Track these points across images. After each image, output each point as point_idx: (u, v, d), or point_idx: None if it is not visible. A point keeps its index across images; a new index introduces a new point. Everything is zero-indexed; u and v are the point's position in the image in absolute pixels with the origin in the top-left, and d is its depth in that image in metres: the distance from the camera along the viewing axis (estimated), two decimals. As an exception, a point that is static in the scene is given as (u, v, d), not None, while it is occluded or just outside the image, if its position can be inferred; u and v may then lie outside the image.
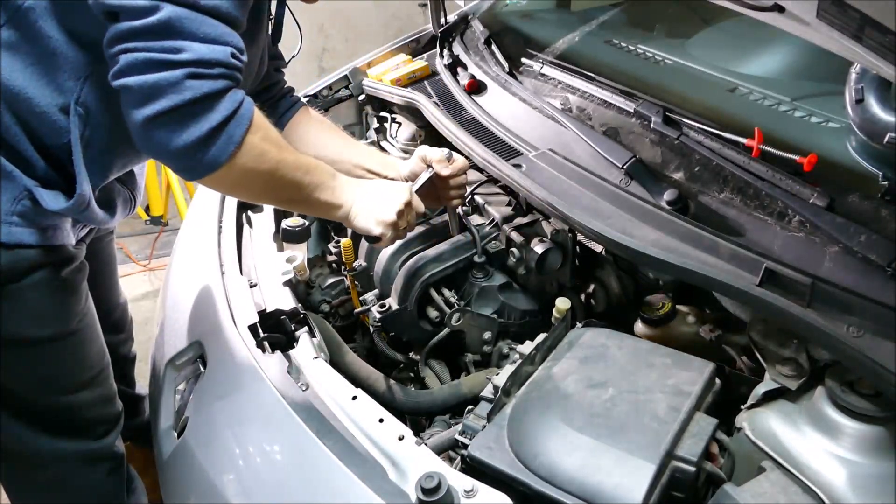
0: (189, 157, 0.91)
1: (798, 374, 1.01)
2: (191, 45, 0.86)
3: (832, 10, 0.82)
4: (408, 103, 1.68)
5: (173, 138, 0.89)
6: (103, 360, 1.34)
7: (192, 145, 0.89)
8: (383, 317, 1.30)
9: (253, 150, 0.96)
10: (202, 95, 0.88)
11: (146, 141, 0.91)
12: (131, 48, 0.86)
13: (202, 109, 0.89)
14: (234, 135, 0.92)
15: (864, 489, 0.89)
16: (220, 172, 0.94)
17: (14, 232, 1.06)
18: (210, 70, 0.88)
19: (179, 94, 0.86)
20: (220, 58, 0.89)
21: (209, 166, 0.92)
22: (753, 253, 1.03)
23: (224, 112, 0.90)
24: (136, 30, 0.85)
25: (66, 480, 1.35)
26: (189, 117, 0.88)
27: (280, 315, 1.26)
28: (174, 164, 0.94)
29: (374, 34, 4.02)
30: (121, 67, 0.87)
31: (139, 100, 0.87)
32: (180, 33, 0.86)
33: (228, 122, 0.91)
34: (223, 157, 0.92)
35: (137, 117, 0.88)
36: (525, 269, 1.37)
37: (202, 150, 0.91)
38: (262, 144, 0.97)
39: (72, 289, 1.21)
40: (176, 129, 0.88)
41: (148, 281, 3.16)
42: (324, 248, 1.70)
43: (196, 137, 0.89)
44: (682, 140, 1.26)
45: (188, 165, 0.93)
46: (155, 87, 0.86)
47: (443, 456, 1.04)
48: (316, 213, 1.21)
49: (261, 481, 1.02)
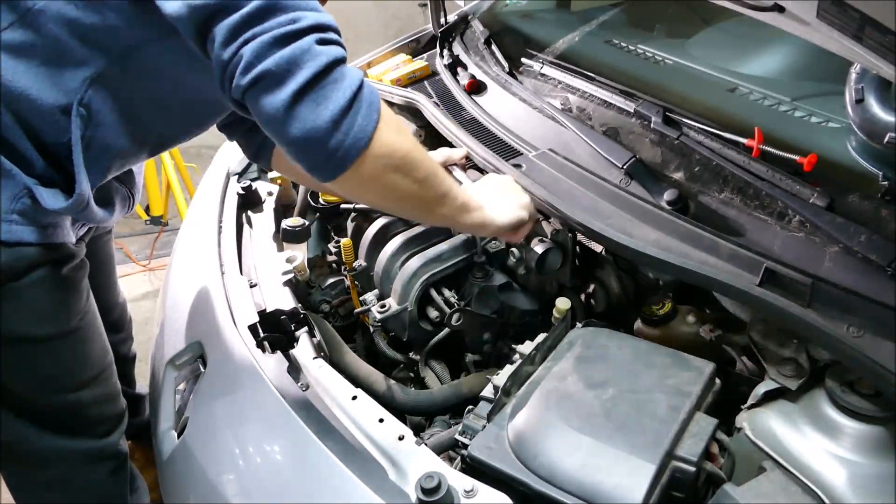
0: (338, 133, 0.84)
1: (798, 374, 1.01)
2: (304, 14, 0.83)
3: (832, 10, 0.82)
4: (408, 103, 1.68)
5: (321, 111, 0.83)
6: (106, 358, 1.34)
7: (339, 116, 0.83)
8: (383, 317, 1.30)
9: (391, 121, 0.89)
10: (334, 60, 0.84)
11: (291, 125, 0.83)
12: (251, 36, 0.82)
13: (337, 76, 0.84)
14: (373, 101, 0.87)
15: (864, 489, 0.89)
16: (368, 152, 0.86)
17: (14, 230, 1.06)
18: (329, 35, 0.85)
19: (316, 59, 0.82)
20: (332, 22, 0.86)
21: (358, 140, 0.85)
22: (753, 253, 1.03)
23: (357, 76, 0.86)
24: (249, 16, 0.82)
25: (68, 479, 1.35)
26: (329, 86, 0.83)
27: (280, 315, 1.26)
28: (321, 150, 0.85)
29: (374, 34, 4.02)
30: (249, 59, 0.81)
31: (278, 81, 0.81)
32: (288, 6, 0.83)
33: (363, 88, 0.86)
34: (370, 125, 0.86)
35: (280, 100, 0.82)
36: (525, 269, 1.37)
37: (349, 121, 0.84)
38: (396, 116, 0.91)
39: (73, 287, 1.21)
40: (321, 101, 0.83)
41: (148, 281, 3.16)
42: (324, 248, 1.70)
43: (342, 106, 0.83)
44: (682, 140, 1.26)
45: (337, 146, 0.84)
46: (292, 59, 0.81)
47: (443, 456, 1.04)
48: (448, 217, 1.05)
49: (261, 481, 1.02)
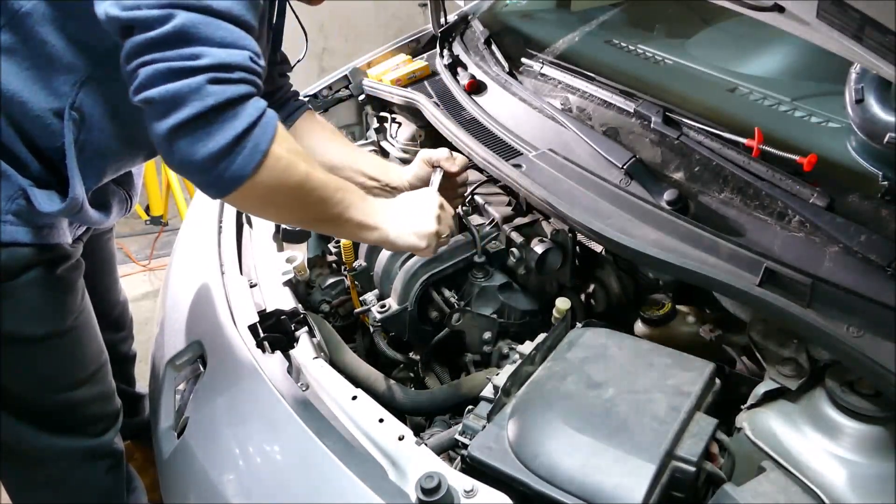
0: (214, 169, 0.86)
1: (798, 374, 1.01)
2: (209, 51, 0.84)
3: (832, 10, 0.82)
4: (408, 103, 1.68)
5: (198, 148, 0.84)
6: (101, 357, 1.34)
7: (217, 155, 0.85)
8: (383, 317, 1.30)
9: (280, 160, 0.91)
10: (225, 101, 0.84)
11: (171, 154, 0.87)
12: (149, 60, 0.83)
13: (226, 116, 0.85)
14: (259, 143, 0.88)
15: (864, 489, 0.89)
16: (246, 186, 0.89)
17: (9, 230, 1.06)
18: (231, 74, 0.85)
19: (202, 100, 0.83)
20: (240, 61, 0.86)
21: (235, 178, 0.88)
22: (753, 253, 1.03)
23: (248, 119, 0.87)
24: (153, 41, 0.83)
25: (65, 478, 1.35)
26: (213, 125, 0.84)
27: (280, 315, 1.26)
28: (200, 178, 0.89)
29: (374, 34, 4.02)
30: (141, 81, 0.84)
31: (162, 111, 0.84)
32: (197, 39, 0.84)
33: (253, 129, 0.87)
34: (249, 166, 0.87)
35: (161, 129, 0.84)
36: (525, 269, 1.36)
37: (227, 160, 0.86)
38: (288, 156, 0.92)
39: (68, 286, 1.21)
40: (201, 138, 0.84)
41: (148, 281, 3.16)
42: (324, 248, 1.70)
43: (221, 146, 0.85)
44: (682, 140, 1.26)
45: (214, 178, 0.88)
46: (177, 95, 0.83)
47: (443, 456, 1.04)
48: (347, 234, 1.14)
49: (261, 481, 1.02)
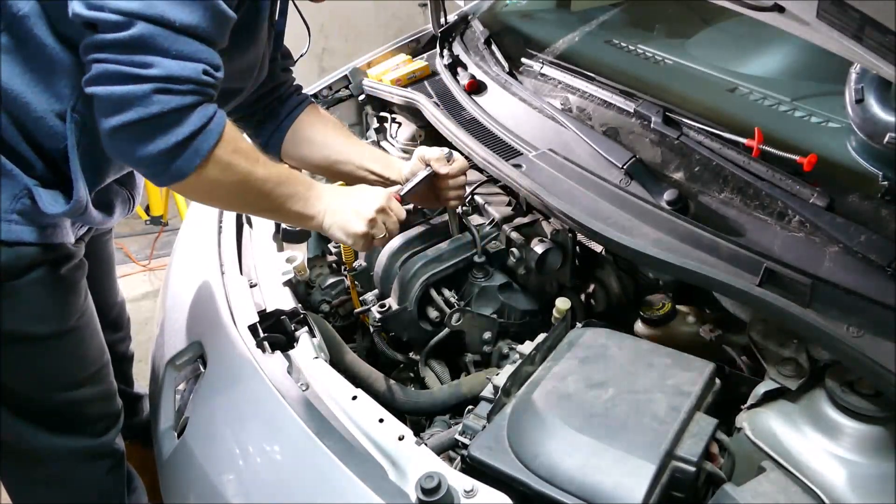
0: (154, 166, 0.94)
1: (798, 374, 1.01)
2: (161, 62, 0.88)
3: (832, 10, 0.82)
4: (408, 103, 1.68)
5: (138, 148, 0.91)
6: (103, 357, 1.34)
7: (157, 156, 0.92)
8: (383, 317, 1.30)
9: (219, 162, 0.97)
10: (169, 110, 0.89)
11: (112, 148, 0.94)
12: (102, 59, 0.88)
13: (169, 123, 0.90)
14: (200, 148, 0.94)
15: (864, 489, 0.89)
16: (186, 182, 0.96)
17: (14, 230, 1.07)
18: (179, 86, 0.90)
19: (146, 107, 0.88)
20: (191, 74, 0.90)
21: (174, 176, 0.95)
22: (753, 253, 1.03)
23: (192, 126, 0.92)
24: (109, 42, 0.87)
25: (65, 477, 1.35)
26: (155, 130, 0.90)
27: (280, 315, 1.26)
28: (140, 171, 0.98)
29: (374, 34, 4.02)
30: (92, 76, 0.89)
31: (107, 109, 0.89)
32: (152, 49, 0.88)
33: (196, 136, 0.93)
34: (188, 168, 0.94)
35: (104, 125, 0.90)
36: (525, 269, 1.36)
37: (167, 161, 0.93)
38: (230, 157, 0.99)
39: (71, 286, 1.21)
40: (141, 140, 0.91)
41: (148, 281, 3.16)
42: (324, 248, 1.70)
43: (161, 149, 0.91)
44: (682, 140, 1.26)
45: (153, 173, 0.96)
46: (122, 99, 0.88)
47: (443, 456, 1.04)
48: (290, 222, 1.24)
49: (261, 481, 1.02)
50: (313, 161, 1.39)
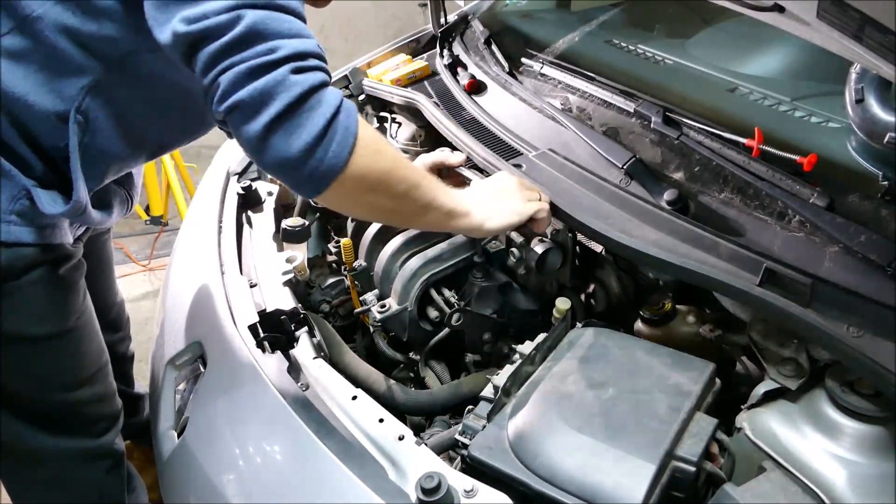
0: (311, 160, 0.86)
1: (798, 374, 1.01)
2: (283, 43, 0.85)
3: (832, 10, 0.82)
4: (408, 103, 1.68)
5: (293, 141, 0.85)
6: (102, 357, 1.34)
7: (312, 145, 0.86)
8: (383, 317, 1.30)
9: (369, 144, 0.91)
10: (310, 88, 0.85)
11: (266, 153, 0.86)
12: (228, 65, 0.84)
13: (312, 105, 0.86)
14: (349, 126, 0.89)
15: (864, 489, 0.89)
16: (343, 176, 0.89)
17: (12, 230, 1.07)
18: (308, 63, 0.86)
19: (289, 91, 0.84)
20: (313, 49, 0.88)
21: (332, 167, 0.88)
22: (753, 253, 1.03)
23: (333, 105, 0.87)
24: (228, 45, 0.83)
25: (65, 478, 1.35)
26: (303, 114, 0.85)
27: (280, 315, 1.26)
28: (297, 175, 0.89)
29: (374, 34, 4.02)
30: (225, 88, 0.84)
31: (252, 111, 0.84)
32: (268, 34, 0.84)
33: (338, 115, 0.88)
34: (344, 152, 0.88)
35: (255, 130, 0.84)
36: (525, 269, 1.36)
37: (321, 149, 0.86)
38: (376, 137, 0.94)
39: (70, 286, 1.21)
40: (293, 131, 0.85)
41: (148, 281, 3.16)
42: (324, 248, 1.70)
43: (315, 135, 0.85)
44: (682, 140, 1.26)
45: (310, 171, 0.87)
46: (265, 91, 0.83)
47: (443, 456, 1.04)
48: (435, 223, 1.10)
49: (261, 481, 1.02)
50: None
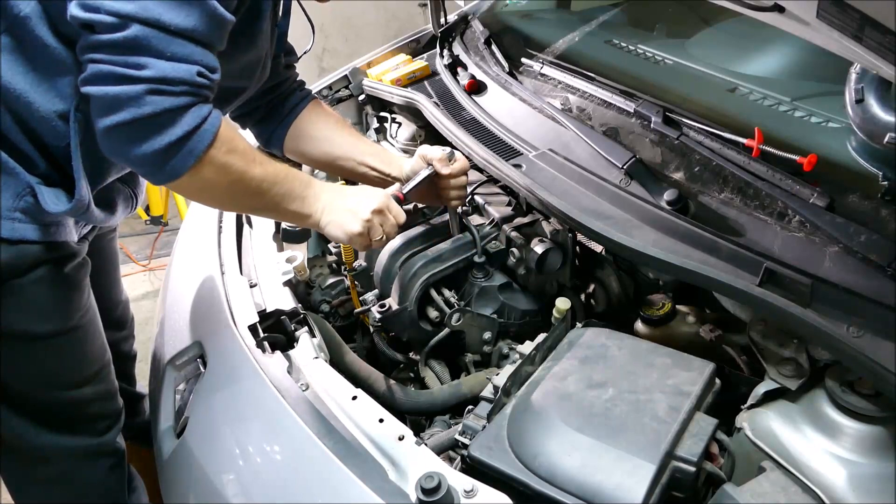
0: (148, 165, 0.94)
1: (798, 374, 1.01)
2: (155, 63, 0.88)
3: (832, 10, 0.82)
4: (408, 103, 1.69)
5: (132, 148, 0.92)
6: (105, 356, 1.34)
7: (151, 156, 0.92)
8: (383, 317, 1.30)
9: (214, 163, 0.98)
10: (162, 111, 0.90)
11: (107, 147, 0.94)
12: (97, 59, 0.88)
13: (163, 123, 0.91)
14: (194, 149, 0.94)
15: (864, 489, 0.89)
16: (181, 181, 0.97)
17: (17, 228, 1.07)
18: (172, 87, 0.90)
19: (139, 108, 0.88)
20: (184, 76, 0.91)
21: (170, 175, 0.95)
22: (753, 253, 1.03)
23: (186, 127, 0.92)
24: (104, 42, 0.88)
25: (67, 476, 1.36)
26: (149, 130, 0.91)
27: (280, 315, 1.26)
28: (136, 170, 0.99)
29: (374, 34, 4.02)
30: (86, 76, 0.90)
31: (101, 109, 0.90)
32: (146, 50, 0.88)
33: (190, 137, 0.93)
34: (183, 168, 0.95)
35: (99, 125, 0.91)
36: (525, 269, 1.37)
37: (162, 162, 0.93)
38: (224, 158, 0.99)
39: (74, 285, 1.21)
40: (135, 140, 0.91)
41: (148, 281, 3.16)
42: (324, 248, 1.70)
43: (155, 150, 0.91)
44: (682, 140, 1.26)
45: (149, 172, 0.96)
46: (115, 99, 0.88)
47: (443, 456, 1.04)
48: (288, 221, 1.24)
49: (261, 481, 1.02)
50: (314, 156, 1.40)
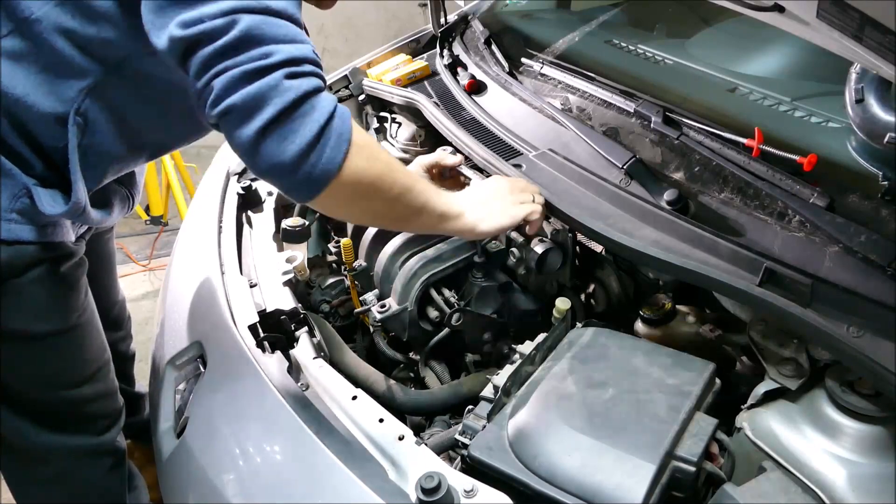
0: (305, 165, 0.86)
1: (798, 374, 1.01)
2: (278, 48, 0.84)
3: (832, 10, 0.82)
4: (408, 103, 1.68)
5: (286, 146, 0.84)
6: (104, 355, 1.34)
7: (306, 150, 0.85)
8: (383, 317, 1.30)
9: (363, 148, 0.91)
10: (303, 94, 0.85)
11: (258, 158, 0.86)
12: (222, 69, 0.83)
13: (305, 110, 0.85)
14: (342, 132, 0.88)
15: (864, 489, 0.89)
16: (337, 181, 0.88)
17: (13, 229, 1.07)
18: (302, 68, 0.86)
19: (282, 96, 0.83)
20: (307, 54, 0.87)
21: (325, 172, 0.87)
22: (753, 253, 1.03)
23: (326, 110, 0.87)
24: (222, 49, 0.83)
25: (67, 475, 1.36)
26: (297, 120, 0.85)
27: (280, 315, 1.26)
28: (290, 180, 0.88)
29: (374, 34, 4.02)
30: (218, 92, 0.83)
31: (244, 116, 0.83)
32: (263, 39, 0.84)
33: (332, 120, 0.87)
34: (338, 157, 0.87)
35: (247, 135, 0.84)
36: (525, 269, 1.37)
37: (315, 154, 0.86)
38: (369, 142, 0.93)
39: (71, 284, 1.21)
40: (286, 136, 0.84)
41: (148, 281, 3.16)
42: (324, 248, 1.70)
43: (308, 140, 0.85)
44: (682, 140, 1.26)
45: (305, 175, 0.87)
46: (258, 95, 0.83)
47: (443, 456, 1.04)
48: (430, 226, 1.09)
49: (261, 481, 1.02)
50: None
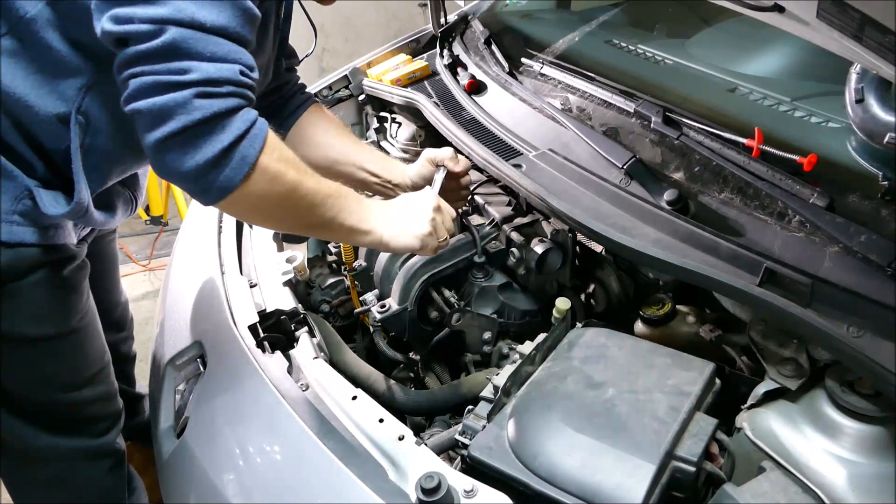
0: (202, 179, 0.88)
1: (798, 374, 1.01)
2: (198, 66, 0.85)
3: (832, 10, 0.82)
4: (408, 103, 1.69)
5: (185, 160, 0.86)
6: (104, 357, 1.34)
7: (205, 166, 0.87)
8: (383, 317, 1.30)
9: (268, 171, 0.92)
10: (212, 115, 0.85)
11: (159, 164, 0.89)
12: (139, 72, 0.85)
13: (213, 129, 0.86)
14: (247, 155, 0.89)
15: (864, 489, 0.89)
16: (235, 195, 0.90)
17: (15, 231, 1.07)
18: (219, 89, 0.86)
19: (188, 114, 0.84)
20: (229, 76, 0.87)
21: (223, 189, 0.89)
22: (753, 253, 1.03)
23: (236, 131, 0.88)
24: (143, 53, 0.84)
25: (67, 477, 1.36)
26: (200, 137, 0.86)
27: (280, 315, 1.26)
28: (189, 187, 0.91)
29: (374, 34, 4.02)
30: (131, 92, 0.86)
31: (150, 123, 0.85)
32: (186, 54, 0.84)
33: (241, 142, 0.88)
34: (237, 178, 0.89)
35: (149, 140, 0.86)
36: (525, 269, 1.37)
37: (215, 172, 0.88)
38: (277, 165, 0.94)
39: (73, 287, 1.21)
40: (188, 150, 0.86)
41: (148, 281, 3.16)
42: (324, 248, 1.70)
43: (208, 158, 0.86)
44: (682, 140, 1.26)
45: (202, 188, 0.90)
46: (164, 108, 0.84)
47: (443, 456, 1.04)
48: (343, 239, 1.16)
49: (261, 481, 1.02)
50: (313, 161, 1.39)
